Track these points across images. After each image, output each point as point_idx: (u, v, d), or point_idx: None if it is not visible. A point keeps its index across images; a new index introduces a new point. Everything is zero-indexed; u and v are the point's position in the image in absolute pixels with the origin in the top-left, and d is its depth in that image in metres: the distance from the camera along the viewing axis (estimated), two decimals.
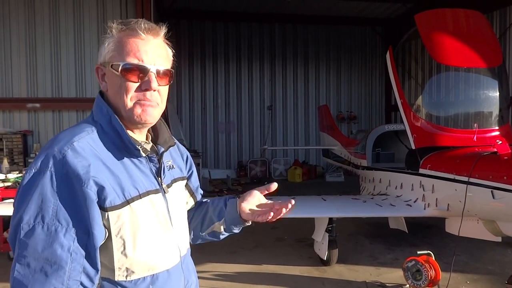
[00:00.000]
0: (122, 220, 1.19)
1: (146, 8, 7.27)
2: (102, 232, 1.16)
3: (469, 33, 5.19)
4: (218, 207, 1.51)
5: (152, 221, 1.26)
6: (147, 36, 1.25)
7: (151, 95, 1.26)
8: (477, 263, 5.27)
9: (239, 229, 1.50)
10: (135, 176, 1.25)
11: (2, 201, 5.17)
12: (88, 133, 1.23)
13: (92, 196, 1.14)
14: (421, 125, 5.13)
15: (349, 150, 8.27)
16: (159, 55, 1.27)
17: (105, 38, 1.29)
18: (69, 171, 1.13)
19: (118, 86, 1.25)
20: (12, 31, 7.25)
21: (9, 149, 7.00)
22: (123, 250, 1.20)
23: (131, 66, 1.23)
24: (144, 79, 1.24)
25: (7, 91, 7.31)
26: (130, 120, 1.27)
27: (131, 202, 1.21)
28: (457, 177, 4.35)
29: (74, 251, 1.11)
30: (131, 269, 1.22)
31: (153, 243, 1.26)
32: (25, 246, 1.10)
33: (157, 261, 1.27)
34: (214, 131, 13.31)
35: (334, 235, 5.19)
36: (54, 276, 1.09)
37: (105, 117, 1.26)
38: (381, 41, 13.89)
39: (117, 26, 1.26)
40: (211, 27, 13.04)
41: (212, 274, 4.89)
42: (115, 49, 1.26)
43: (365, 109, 14.34)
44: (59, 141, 1.19)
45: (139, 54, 1.24)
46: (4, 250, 5.66)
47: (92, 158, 1.18)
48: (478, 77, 5.28)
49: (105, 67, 1.28)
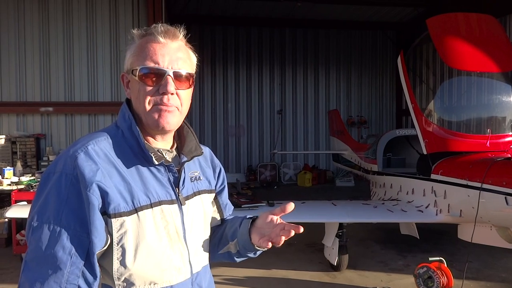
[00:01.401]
0: (125, 228, 1.16)
1: (158, 13, 7.34)
2: (102, 239, 1.14)
3: (482, 37, 5.14)
4: (233, 226, 1.41)
5: (160, 232, 1.22)
6: (165, 39, 1.24)
7: (168, 99, 1.23)
8: (490, 270, 5.19)
9: (254, 254, 1.39)
10: (149, 184, 1.22)
11: (15, 203, 5.24)
12: (106, 138, 1.23)
13: (94, 201, 1.12)
14: (433, 130, 5.08)
15: (359, 155, 8.22)
16: (177, 58, 1.25)
17: (128, 46, 1.29)
18: (78, 174, 1.13)
19: (138, 90, 1.25)
20: (26, 36, 7.38)
21: (22, 152, 7.09)
22: (122, 259, 1.17)
23: (148, 70, 1.22)
24: (160, 82, 1.22)
25: (21, 95, 7.42)
26: (149, 125, 1.25)
27: (139, 210, 1.18)
28: (470, 183, 4.29)
29: (74, 255, 1.10)
30: (130, 280, 1.19)
31: (157, 256, 1.21)
32: (33, 244, 1.12)
33: (159, 275, 1.22)
34: (224, 135, 13.34)
35: (344, 240, 5.15)
36: (53, 278, 1.09)
37: (126, 122, 1.26)
38: (392, 45, 13.81)
39: (138, 32, 1.27)
40: (221, 31, 13.11)
41: (221, 278, 4.89)
42: (135, 54, 1.26)
43: (376, 114, 14.25)
44: (76, 144, 1.20)
45: (155, 58, 1.22)
46: (17, 252, 5.73)
47: (104, 163, 1.17)
48: (491, 81, 5.22)
49: (128, 74, 1.28)
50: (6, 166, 6.62)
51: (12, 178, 6.27)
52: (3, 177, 6.24)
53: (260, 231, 1.31)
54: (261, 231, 1.30)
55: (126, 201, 1.17)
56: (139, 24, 7.50)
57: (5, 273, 5.24)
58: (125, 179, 1.19)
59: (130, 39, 1.29)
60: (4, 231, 6.29)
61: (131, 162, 1.23)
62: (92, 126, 7.50)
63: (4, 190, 6.16)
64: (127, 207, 1.17)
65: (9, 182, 6.17)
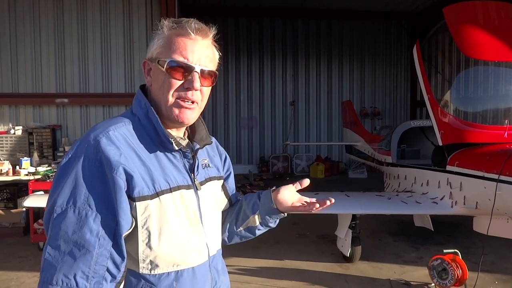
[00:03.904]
0: (149, 211, 1.19)
1: (171, 5, 7.34)
2: (128, 221, 1.17)
3: (500, 26, 5.01)
4: (251, 202, 1.52)
5: (181, 216, 1.26)
6: (196, 36, 1.27)
7: (192, 94, 1.27)
8: (505, 263, 5.13)
9: (275, 222, 1.51)
10: (167, 170, 1.26)
11: (32, 193, 5.34)
12: (125, 124, 1.25)
13: (121, 184, 1.14)
14: (449, 121, 5.00)
15: (373, 147, 8.15)
16: (206, 56, 1.29)
17: (155, 34, 1.31)
18: (102, 157, 1.15)
19: (162, 81, 1.27)
20: (41, 28, 7.46)
21: (38, 143, 7.22)
22: (148, 242, 1.20)
23: (177, 64, 1.24)
24: (187, 77, 1.25)
25: (37, 86, 7.53)
26: (169, 117, 1.28)
27: (160, 194, 1.21)
28: (486, 175, 4.22)
29: (102, 237, 1.12)
30: (155, 263, 1.22)
31: (179, 238, 1.25)
32: (57, 228, 1.13)
33: (182, 257, 1.26)
34: (237, 127, 13.36)
35: (357, 231, 5.14)
36: (82, 260, 1.10)
37: (143, 110, 1.29)
38: (407, 35, 13.59)
39: (169, 24, 1.28)
40: (234, 23, 13.06)
41: (235, 269, 4.93)
42: (164, 45, 1.27)
43: (390, 105, 14.09)
44: (96, 129, 1.22)
45: (185, 53, 1.25)
46: (34, 241, 5.86)
47: (125, 148, 1.19)
48: (509, 71, 5.10)
49: (152, 62, 1.30)
50: (23, 156, 6.74)
51: (29, 168, 6.39)
52: (20, 167, 6.37)
53: (283, 197, 1.44)
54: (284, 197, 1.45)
55: (148, 186, 1.20)
56: (152, 16, 7.52)
57: (24, 261, 5.37)
58: (145, 164, 1.22)
59: (159, 28, 1.29)
60: (22, 220, 6.44)
61: (149, 148, 1.25)
62: (106, 117, 7.57)
63: (22, 180, 6.29)
64: (149, 191, 1.19)
65: (26, 172, 6.29)
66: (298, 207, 1.42)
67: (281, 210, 1.46)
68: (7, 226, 6.42)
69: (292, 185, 1.48)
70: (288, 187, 1.47)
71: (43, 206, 1.51)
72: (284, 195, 1.45)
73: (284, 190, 1.46)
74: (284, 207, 1.44)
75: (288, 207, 1.44)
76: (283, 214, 1.48)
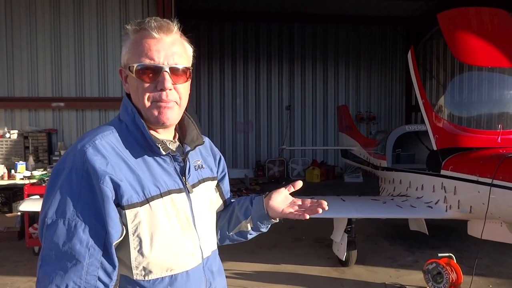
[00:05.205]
0: (140, 218, 1.19)
1: (167, 8, 7.37)
2: (118, 230, 1.17)
3: (494, 32, 5.07)
4: (244, 206, 1.50)
5: (172, 220, 1.25)
6: (159, 34, 1.23)
7: (167, 95, 1.24)
8: (500, 267, 5.16)
9: (266, 227, 1.49)
10: (157, 175, 1.25)
11: (28, 197, 5.32)
12: (112, 132, 1.25)
13: (108, 193, 1.14)
14: (443, 125, 5.04)
15: (368, 151, 8.19)
16: (173, 52, 1.25)
17: (123, 40, 1.30)
18: (88, 168, 1.15)
19: (136, 87, 1.26)
20: (38, 32, 7.46)
21: (34, 147, 7.19)
22: (140, 248, 1.20)
23: (144, 67, 1.23)
24: (157, 78, 1.23)
25: (33, 90, 7.52)
26: (150, 121, 1.27)
27: (150, 200, 1.21)
28: (480, 179, 4.26)
29: (92, 247, 1.13)
30: (148, 268, 1.22)
31: (172, 243, 1.24)
32: (48, 240, 1.13)
33: (175, 262, 1.25)
34: (233, 131, 13.37)
35: (353, 236, 5.16)
36: (73, 271, 1.11)
37: (129, 116, 1.28)
38: (402, 40, 13.69)
39: (131, 28, 1.27)
40: (230, 27, 13.10)
41: (231, 273, 4.93)
42: (130, 50, 1.26)
43: (385, 109, 14.17)
44: (83, 139, 1.22)
45: (151, 54, 1.22)
46: (29, 245, 5.83)
47: (112, 156, 1.19)
48: (503, 77, 5.16)
49: (125, 69, 1.29)
50: (19, 160, 6.72)
51: (25, 172, 6.37)
52: (16, 171, 6.34)
53: (275, 203, 1.42)
54: (275, 203, 1.42)
55: (137, 192, 1.19)
56: None
57: (19, 266, 5.34)
58: (134, 171, 1.21)
59: (124, 34, 1.28)
60: (17, 224, 6.41)
61: (137, 154, 1.25)
62: (102, 121, 7.57)
63: (17, 184, 6.27)
64: (139, 198, 1.19)
65: (22, 176, 6.28)
66: (289, 213, 1.39)
67: (273, 216, 1.43)
68: (2, 230, 6.38)
69: (285, 188, 1.45)
70: (281, 191, 1.44)
71: (38, 210, 1.52)
72: (277, 200, 1.42)
73: (277, 195, 1.43)
74: (277, 213, 1.42)
75: (280, 213, 1.41)
76: (275, 220, 1.46)
